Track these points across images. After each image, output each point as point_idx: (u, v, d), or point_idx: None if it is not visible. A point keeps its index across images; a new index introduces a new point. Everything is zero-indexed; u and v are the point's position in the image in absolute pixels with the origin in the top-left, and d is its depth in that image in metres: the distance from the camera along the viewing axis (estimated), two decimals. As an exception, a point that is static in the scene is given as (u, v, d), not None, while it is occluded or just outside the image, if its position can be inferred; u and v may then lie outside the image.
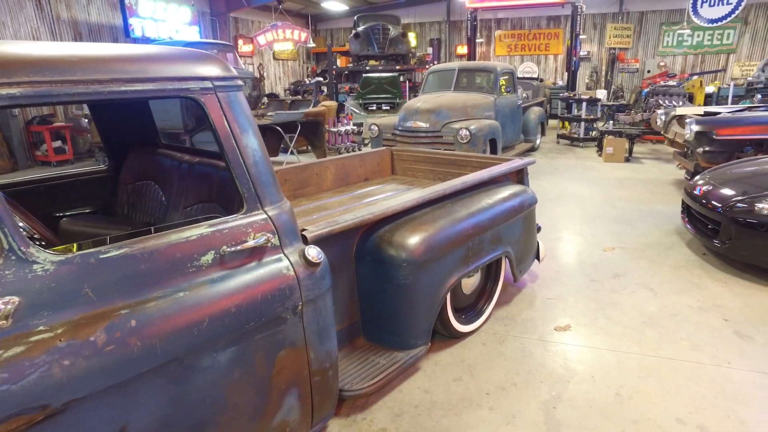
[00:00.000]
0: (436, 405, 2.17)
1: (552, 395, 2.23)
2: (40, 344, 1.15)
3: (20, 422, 1.10)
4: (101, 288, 1.28)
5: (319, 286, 1.70)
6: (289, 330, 1.63)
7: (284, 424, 1.70)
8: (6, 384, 1.08)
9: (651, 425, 2.02)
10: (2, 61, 1.18)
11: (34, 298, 1.18)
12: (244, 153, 1.59)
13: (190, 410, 1.42)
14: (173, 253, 1.41)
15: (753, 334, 2.72)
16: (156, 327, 1.32)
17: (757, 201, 3.43)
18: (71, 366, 1.17)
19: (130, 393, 1.28)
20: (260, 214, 1.61)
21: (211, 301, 1.43)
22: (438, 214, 2.42)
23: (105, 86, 1.32)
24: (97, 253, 1.29)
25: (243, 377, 1.53)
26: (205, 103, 1.51)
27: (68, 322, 1.21)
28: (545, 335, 2.74)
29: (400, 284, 2.18)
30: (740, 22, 12.97)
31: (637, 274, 3.55)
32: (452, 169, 3.80)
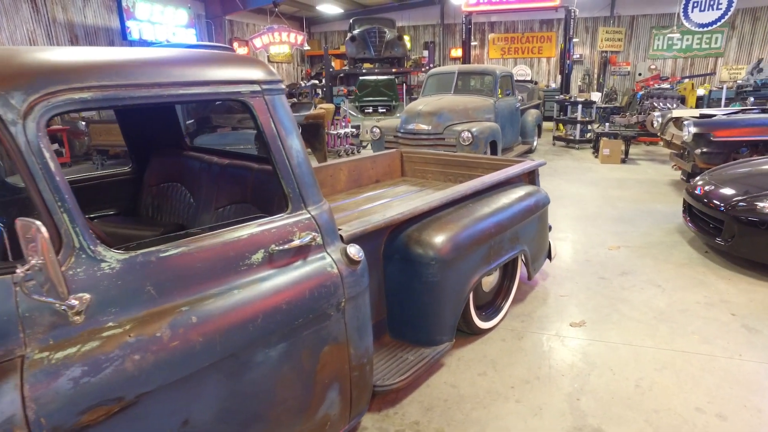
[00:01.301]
0: (464, 399, 2.23)
1: (575, 387, 2.30)
2: (113, 339, 1.19)
3: (100, 413, 1.14)
4: (162, 285, 1.32)
5: (359, 284, 1.76)
6: (333, 326, 1.68)
7: (326, 418, 1.75)
8: (87, 377, 1.13)
9: (672, 414, 2.11)
10: (75, 67, 1.22)
11: (102, 295, 1.22)
12: (288, 154, 1.64)
13: (244, 405, 1.46)
14: (226, 252, 1.46)
15: (760, 328, 2.82)
16: (214, 323, 1.36)
17: (758, 200, 3.56)
18: (141, 360, 1.21)
19: (192, 387, 1.32)
20: (304, 214, 1.67)
21: (264, 298, 1.48)
22: (461, 214, 2.49)
23: (165, 89, 1.36)
24: (157, 252, 1.33)
25: (291, 372, 1.57)
26: (254, 106, 1.56)
27: (134, 318, 1.25)
28: (562, 331, 2.82)
29: (429, 281, 2.24)
30: (727, 27, 13.28)
31: (643, 272, 3.65)
32: (463, 171, 3.87)
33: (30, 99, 1.13)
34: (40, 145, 1.14)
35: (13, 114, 1.11)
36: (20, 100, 1.12)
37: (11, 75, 1.14)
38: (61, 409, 1.08)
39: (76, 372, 1.12)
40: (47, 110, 1.16)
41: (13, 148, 1.12)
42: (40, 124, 1.15)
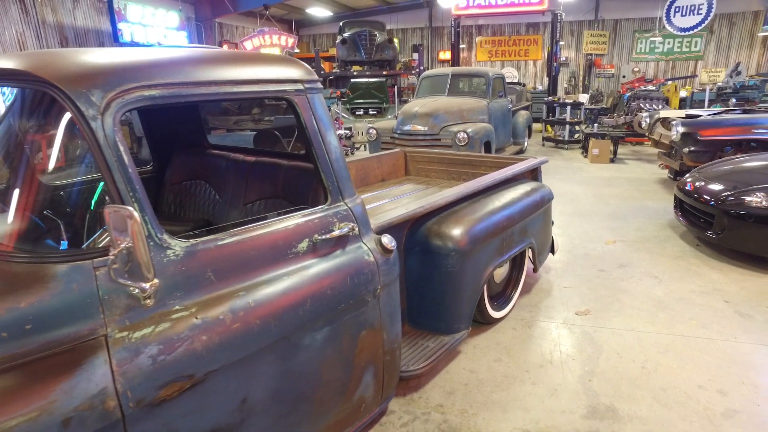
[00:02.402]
0: (483, 382, 2.35)
1: (585, 370, 2.44)
2: (182, 321, 1.28)
3: (174, 389, 1.23)
4: (220, 271, 1.41)
5: (392, 271, 1.86)
6: (370, 312, 1.78)
7: (361, 400, 1.85)
8: (163, 355, 1.21)
9: (677, 391, 2.26)
10: (144, 67, 1.31)
11: (169, 281, 1.30)
12: (328, 149, 1.74)
13: (293, 386, 1.55)
14: (276, 241, 1.55)
15: (752, 313, 3.00)
16: (269, 307, 1.45)
17: (746, 195, 3.76)
18: (208, 340, 1.30)
19: (250, 367, 1.41)
20: (342, 206, 1.77)
21: (311, 284, 1.57)
22: (475, 208, 2.61)
23: (221, 87, 1.45)
24: (215, 240, 1.42)
25: (334, 355, 1.67)
26: (298, 103, 1.66)
27: (198, 302, 1.34)
28: (568, 319, 2.96)
29: (448, 272, 2.36)
30: (706, 31, 13.76)
31: (640, 264, 3.83)
32: (467, 169, 4.01)
33: (108, 96, 1.22)
34: (116, 138, 1.23)
35: (93, 110, 1.20)
36: (99, 97, 1.21)
37: (91, 74, 1.22)
38: (143, 383, 1.17)
39: (153, 350, 1.20)
40: (122, 106, 1.25)
41: (92, 141, 1.20)
42: (116, 119, 1.23)
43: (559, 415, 2.12)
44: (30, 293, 1.11)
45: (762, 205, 3.61)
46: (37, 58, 1.31)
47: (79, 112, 1.19)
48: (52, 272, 1.15)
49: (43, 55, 1.34)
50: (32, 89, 1.34)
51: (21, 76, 1.30)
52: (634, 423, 2.06)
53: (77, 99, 1.19)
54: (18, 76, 1.32)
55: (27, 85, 1.33)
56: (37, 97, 1.36)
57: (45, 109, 1.32)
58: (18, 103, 1.49)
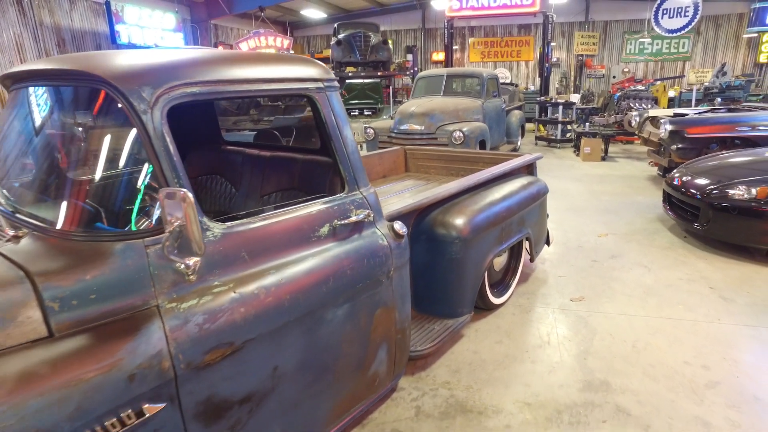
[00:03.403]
0: (486, 362, 2.51)
1: (581, 350, 2.61)
2: (222, 295, 1.43)
3: (216, 354, 1.37)
4: (253, 252, 1.56)
5: (404, 255, 2.02)
6: (384, 292, 1.94)
7: (375, 375, 2.00)
8: (207, 323, 1.36)
9: (665, 367, 2.43)
10: (185, 66, 1.45)
11: (209, 259, 1.45)
12: (345, 143, 1.89)
13: (317, 357, 1.70)
14: (300, 225, 1.70)
15: (734, 298, 3.20)
16: (297, 284, 1.60)
17: (729, 188, 3.97)
18: (245, 313, 1.45)
19: (281, 338, 1.56)
20: (358, 195, 1.92)
21: (332, 264, 1.72)
22: (476, 200, 2.78)
23: (251, 85, 1.60)
24: (248, 223, 1.57)
25: (352, 330, 1.82)
26: (318, 100, 1.81)
27: (235, 278, 1.49)
28: (564, 305, 3.14)
29: (452, 258, 2.52)
30: (693, 33, 14.09)
31: (631, 255, 4.02)
32: (465, 165, 4.17)
33: (156, 92, 1.36)
34: (163, 130, 1.37)
35: (144, 105, 1.34)
36: (149, 94, 1.35)
37: (142, 74, 1.37)
38: (191, 348, 1.31)
39: (199, 319, 1.35)
40: (168, 102, 1.39)
41: (143, 132, 1.35)
42: (163, 113, 1.38)
43: (557, 389, 2.28)
44: (93, 268, 1.25)
45: (744, 197, 3.81)
46: (92, 60, 1.45)
47: (131, 107, 1.33)
48: (110, 250, 1.29)
49: (96, 57, 1.48)
50: (86, 87, 1.48)
51: (78, 75, 1.44)
52: (626, 394, 2.23)
53: (130, 95, 1.33)
54: (74, 75, 1.46)
55: (82, 84, 1.47)
56: (91, 95, 1.49)
57: (98, 104, 1.46)
58: (70, 100, 1.63)
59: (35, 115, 1.74)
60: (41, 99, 1.74)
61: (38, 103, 1.74)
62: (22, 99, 1.78)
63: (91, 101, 1.50)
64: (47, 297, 1.18)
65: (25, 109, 1.75)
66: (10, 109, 1.80)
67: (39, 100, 1.75)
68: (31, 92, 1.77)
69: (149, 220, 1.40)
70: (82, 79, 1.44)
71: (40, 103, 1.74)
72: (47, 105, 1.71)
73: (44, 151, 1.69)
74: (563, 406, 2.16)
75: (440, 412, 2.13)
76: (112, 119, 1.42)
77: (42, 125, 1.70)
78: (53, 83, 1.63)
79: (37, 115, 1.73)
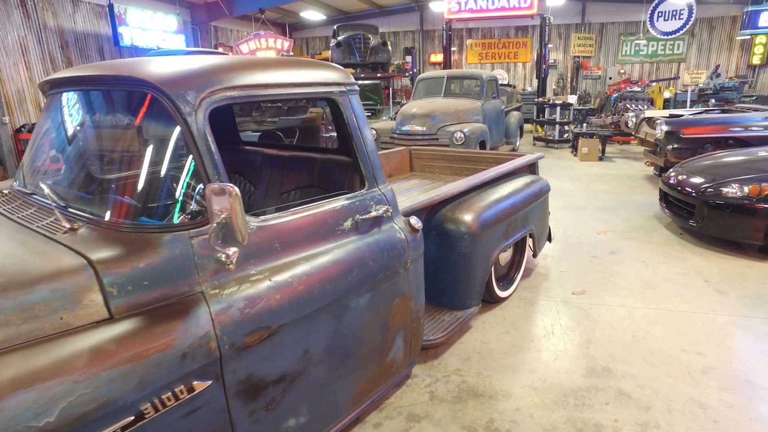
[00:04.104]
0: (494, 351, 2.64)
1: (583, 339, 2.75)
2: (258, 282, 1.55)
3: (255, 337, 1.50)
4: (285, 243, 1.68)
5: (419, 248, 2.15)
6: (401, 282, 2.06)
7: (393, 361, 2.13)
8: (247, 308, 1.48)
9: (663, 355, 2.57)
10: (223, 71, 1.58)
11: (245, 250, 1.57)
12: (365, 142, 2.02)
13: (342, 342, 1.83)
14: (326, 219, 1.83)
15: (728, 290, 3.35)
16: (325, 273, 1.73)
17: (723, 186, 4.12)
18: (280, 299, 1.58)
19: (311, 324, 1.68)
20: (377, 191, 2.05)
21: (356, 255, 1.85)
22: (483, 197, 2.91)
23: (282, 89, 1.73)
24: (279, 217, 1.69)
25: (373, 318, 1.95)
26: (341, 103, 1.94)
27: (269, 267, 1.61)
28: (566, 298, 3.28)
29: (462, 252, 2.65)
30: (688, 35, 14.30)
31: (629, 251, 4.16)
32: (468, 165, 4.31)
33: (200, 96, 1.49)
34: (205, 131, 1.50)
35: (189, 107, 1.47)
36: (193, 97, 1.48)
37: (186, 78, 1.49)
38: (234, 330, 1.44)
39: (240, 305, 1.47)
40: (210, 104, 1.52)
41: (188, 133, 1.47)
42: (205, 115, 1.50)
43: (562, 374, 2.42)
44: (145, 256, 1.38)
45: (737, 195, 3.97)
46: (138, 66, 1.57)
47: (177, 110, 1.46)
48: (159, 241, 1.41)
49: (140, 63, 1.60)
50: (133, 92, 1.60)
51: (126, 81, 1.57)
52: (627, 379, 2.37)
53: (176, 99, 1.46)
54: (122, 81, 1.58)
55: (129, 88, 1.59)
56: (137, 98, 1.61)
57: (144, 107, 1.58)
58: (116, 103, 1.75)
59: (79, 118, 1.86)
60: (84, 103, 1.86)
61: (83, 107, 1.86)
62: (65, 103, 1.90)
63: (138, 104, 1.62)
64: (107, 282, 1.30)
65: (69, 112, 1.87)
66: (53, 112, 1.91)
67: (82, 103, 1.87)
68: (73, 96, 1.89)
69: (193, 214, 1.52)
70: (130, 84, 1.56)
71: (84, 106, 1.86)
72: (92, 108, 1.83)
73: (93, 151, 1.81)
74: (568, 390, 2.29)
75: (453, 397, 2.26)
76: (157, 121, 1.54)
77: (87, 127, 1.82)
78: (98, 88, 1.75)
79: (81, 118, 1.85)
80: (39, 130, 1.99)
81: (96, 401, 1.15)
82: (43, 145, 1.94)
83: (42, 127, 1.97)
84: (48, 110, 1.96)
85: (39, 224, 1.53)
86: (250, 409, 1.52)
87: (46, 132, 1.94)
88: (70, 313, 1.24)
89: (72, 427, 1.11)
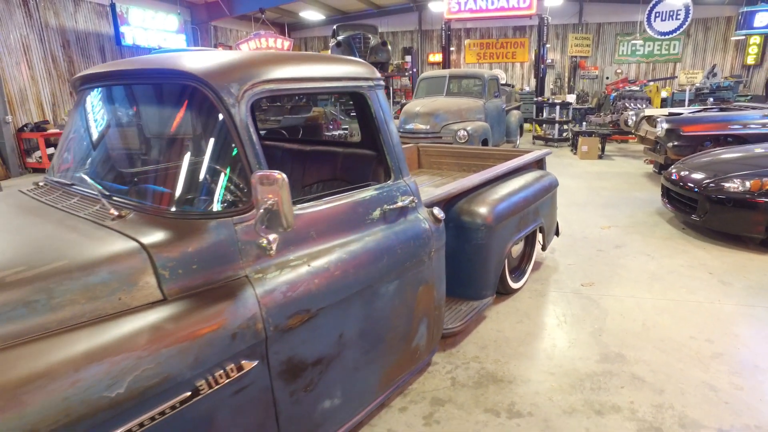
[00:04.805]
0: (510, 339, 2.72)
1: (595, 328, 2.83)
2: (298, 267, 1.62)
3: (297, 320, 1.57)
4: (320, 231, 1.75)
5: (441, 237, 2.22)
6: (425, 271, 2.14)
7: (417, 347, 2.20)
8: (289, 292, 1.55)
9: (672, 342, 2.66)
10: (262, 65, 1.64)
11: (284, 236, 1.64)
12: (391, 135, 2.09)
13: (373, 327, 1.90)
14: (357, 208, 1.90)
15: (732, 281, 3.45)
16: (358, 260, 1.80)
17: (724, 182, 4.23)
18: (319, 284, 1.64)
19: (345, 308, 1.75)
20: (402, 183, 2.12)
21: (386, 244, 1.92)
22: (496, 191, 2.99)
23: (315, 83, 1.80)
24: (314, 206, 1.76)
25: (401, 304, 2.02)
26: (369, 98, 2.01)
27: (307, 254, 1.68)
28: (576, 289, 3.36)
29: (478, 244, 2.73)
30: (684, 35, 14.49)
31: (634, 245, 4.26)
32: (476, 161, 4.39)
33: (242, 88, 1.56)
34: (247, 121, 1.56)
35: (233, 99, 1.53)
36: (237, 89, 1.55)
37: (230, 72, 1.56)
38: (278, 313, 1.50)
39: (283, 288, 1.54)
40: (252, 96, 1.58)
41: (231, 124, 1.54)
42: (248, 107, 1.57)
43: (577, 360, 2.50)
44: (193, 242, 1.44)
45: (739, 190, 4.07)
46: (181, 60, 1.63)
47: (222, 101, 1.52)
48: (205, 227, 1.47)
49: (182, 57, 1.66)
50: (176, 84, 1.66)
51: (168, 74, 1.63)
52: (640, 364, 2.45)
53: (221, 91, 1.52)
54: (165, 74, 1.64)
55: (173, 81, 1.65)
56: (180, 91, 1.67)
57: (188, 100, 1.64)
58: (156, 96, 1.81)
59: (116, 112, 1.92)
60: (121, 97, 1.92)
61: (119, 101, 1.92)
62: (100, 97, 1.96)
63: (180, 97, 1.68)
64: (159, 266, 1.36)
65: (106, 107, 1.92)
66: (88, 106, 1.97)
67: (119, 98, 1.93)
68: (108, 91, 1.94)
69: (235, 202, 1.59)
70: (174, 77, 1.62)
71: (121, 100, 1.92)
72: (130, 102, 1.89)
73: (134, 143, 1.87)
74: (584, 375, 2.37)
75: (474, 382, 2.34)
76: (200, 112, 1.60)
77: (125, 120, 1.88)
78: (137, 82, 1.81)
79: (118, 112, 1.91)
80: (73, 125, 2.04)
81: (158, 376, 1.21)
82: (79, 139, 2.00)
83: (76, 121, 2.03)
84: (82, 105, 2.02)
85: (86, 212, 1.59)
86: (291, 390, 1.59)
87: (82, 126, 2.00)
88: (127, 294, 1.30)
89: (138, 400, 1.17)
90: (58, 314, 1.20)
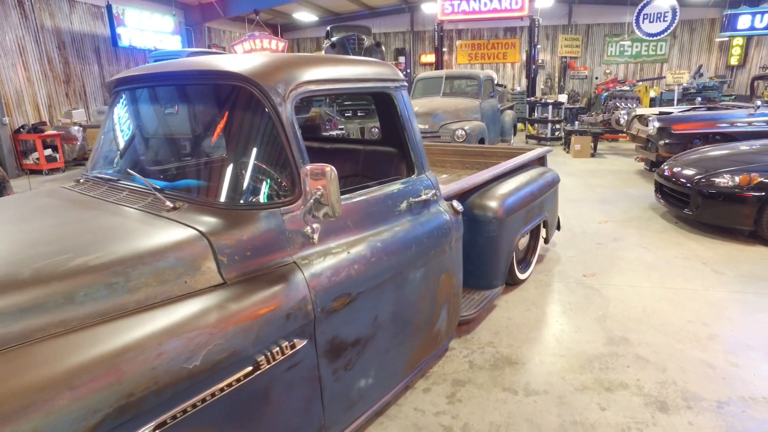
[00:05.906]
0: (520, 326, 2.88)
1: (599, 314, 3.00)
2: (339, 254, 1.75)
3: (340, 302, 1.70)
4: (356, 221, 1.88)
5: (460, 228, 2.37)
6: (447, 259, 2.28)
7: (438, 332, 2.35)
8: (333, 276, 1.68)
9: (671, 326, 2.84)
10: (305, 66, 1.77)
11: (325, 226, 1.77)
12: (414, 132, 2.23)
13: (403, 310, 2.04)
14: (387, 200, 2.03)
15: (724, 271, 3.65)
16: (390, 248, 1.94)
17: (715, 177, 4.44)
18: (358, 269, 1.78)
19: (380, 293, 1.89)
20: (425, 177, 2.26)
21: (413, 233, 2.06)
22: (505, 186, 3.14)
23: (352, 84, 1.94)
24: (351, 197, 1.89)
25: (426, 290, 2.16)
26: (395, 97, 2.15)
27: (345, 242, 1.81)
28: (578, 280, 3.54)
29: (490, 236, 2.88)
30: (670, 36, 14.87)
31: (630, 238, 4.46)
32: (480, 159, 4.55)
33: (288, 88, 1.69)
34: (292, 119, 1.69)
35: (279, 98, 1.66)
36: (283, 89, 1.68)
37: (276, 73, 1.69)
38: (325, 295, 1.64)
39: (328, 273, 1.67)
40: (296, 96, 1.71)
41: (278, 121, 1.67)
42: (293, 105, 1.70)
43: (585, 344, 2.67)
44: (246, 230, 1.56)
45: (729, 185, 4.29)
46: (226, 62, 1.75)
47: (270, 101, 1.65)
48: (256, 216, 1.60)
49: (227, 60, 1.78)
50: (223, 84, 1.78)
51: (216, 75, 1.75)
52: (643, 346, 2.63)
53: (269, 91, 1.65)
54: (212, 75, 1.76)
55: (224, 82, 1.77)
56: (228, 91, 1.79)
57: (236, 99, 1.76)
58: (202, 96, 1.93)
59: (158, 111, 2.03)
60: (161, 97, 2.04)
61: (160, 101, 2.03)
62: (139, 98, 2.07)
63: (228, 97, 1.80)
64: (218, 252, 1.49)
65: (146, 107, 2.04)
66: (126, 107, 2.08)
67: (159, 98, 2.04)
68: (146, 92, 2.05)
69: (282, 193, 1.71)
70: (222, 78, 1.74)
71: (162, 100, 2.03)
72: (172, 101, 2.00)
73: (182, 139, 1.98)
74: (592, 356, 2.54)
75: (490, 365, 2.49)
76: (247, 111, 1.73)
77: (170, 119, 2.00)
78: (179, 83, 1.93)
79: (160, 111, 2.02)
80: (111, 124, 2.15)
81: (226, 351, 1.34)
82: (120, 137, 2.10)
83: (114, 120, 2.13)
84: (120, 105, 2.12)
85: (140, 204, 1.71)
86: (333, 368, 1.72)
87: (121, 125, 2.11)
88: (191, 278, 1.42)
89: (210, 372, 1.30)
90: (134, 296, 1.32)
